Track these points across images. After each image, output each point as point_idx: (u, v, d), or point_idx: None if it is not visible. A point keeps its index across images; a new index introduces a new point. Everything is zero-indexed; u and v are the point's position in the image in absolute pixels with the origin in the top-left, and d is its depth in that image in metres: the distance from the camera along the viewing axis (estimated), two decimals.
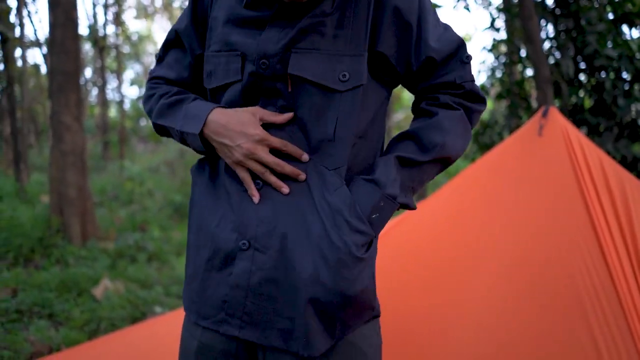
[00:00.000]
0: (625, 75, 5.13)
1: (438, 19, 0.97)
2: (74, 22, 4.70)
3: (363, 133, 0.93)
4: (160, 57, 1.10)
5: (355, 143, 0.92)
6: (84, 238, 4.77)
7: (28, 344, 2.65)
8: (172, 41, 1.07)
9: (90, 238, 4.80)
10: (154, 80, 1.08)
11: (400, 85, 1.02)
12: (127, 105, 19.48)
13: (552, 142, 1.69)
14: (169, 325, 2.51)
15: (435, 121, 0.93)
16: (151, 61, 25.13)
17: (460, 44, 0.95)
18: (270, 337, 0.90)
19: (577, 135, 1.69)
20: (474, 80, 0.96)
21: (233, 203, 0.93)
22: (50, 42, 4.72)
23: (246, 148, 0.89)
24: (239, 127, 0.89)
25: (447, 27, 0.97)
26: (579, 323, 1.34)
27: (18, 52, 11.83)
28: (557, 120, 1.73)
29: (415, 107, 1.01)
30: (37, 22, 27.38)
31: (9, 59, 7.84)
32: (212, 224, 0.95)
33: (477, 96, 0.97)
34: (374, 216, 0.89)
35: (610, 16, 5.32)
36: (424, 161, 0.92)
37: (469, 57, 0.96)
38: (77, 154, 4.80)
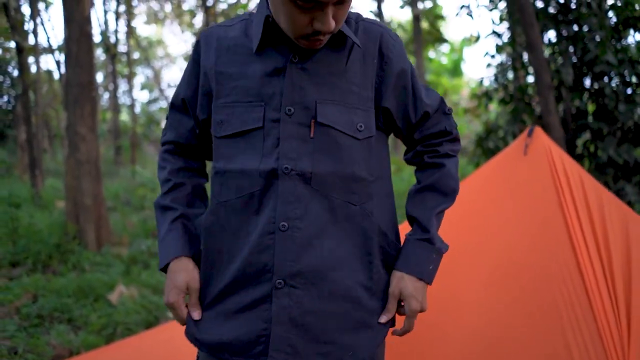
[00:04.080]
0: (628, 80, 5.18)
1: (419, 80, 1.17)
2: (88, 37, 4.88)
3: (379, 174, 1.09)
4: (170, 115, 1.22)
5: (373, 182, 1.07)
6: (98, 244, 4.95)
7: (50, 347, 2.81)
8: (178, 105, 1.19)
9: (105, 244, 4.98)
10: (165, 146, 1.23)
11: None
12: (137, 109, 19.74)
13: (537, 160, 1.81)
14: (181, 331, 2.66)
15: (447, 171, 1.14)
16: (161, 65, 25.40)
17: (441, 100, 1.18)
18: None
19: (560, 154, 1.81)
20: (456, 127, 1.19)
21: (261, 245, 1.01)
22: (66, 56, 4.91)
23: (166, 300, 1.10)
24: (170, 285, 1.09)
25: (426, 87, 1.17)
26: (554, 327, 1.47)
27: (31, 58, 12.11)
28: (542, 139, 1.85)
29: (417, 158, 1.20)
30: (50, 30, 27.73)
31: (24, 68, 8.07)
32: (236, 268, 1.04)
33: (458, 139, 1.20)
34: (430, 267, 1.09)
35: (614, 20, 5.39)
36: (447, 207, 1.15)
37: (450, 110, 1.18)
38: (92, 163, 4.98)
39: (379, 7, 12.33)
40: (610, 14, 5.47)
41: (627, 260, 1.53)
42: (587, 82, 5.50)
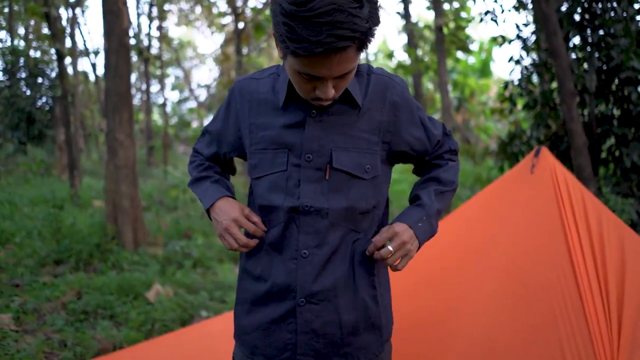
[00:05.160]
0: None
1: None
2: (126, 48, 5.17)
3: (376, 204, 1.28)
4: (202, 135, 1.48)
5: (376, 209, 1.27)
6: (135, 244, 5.25)
7: (95, 341, 3.07)
8: (207, 133, 1.44)
9: (141, 244, 5.28)
10: (195, 152, 1.49)
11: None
12: (168, 109, 20.24)
13: (542, 179, 1.96)
14: (215, 330, 2.88)
15: (448, 167, 1.38)
16: (191, 66, 25.99)
17: (443, 125, 1.40)
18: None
19: (564, 173, 1.95)
20: (457, 143, 1.43)
21: (287, 269, 1.22)
22: (106, 66, 5.20)
23: (225, 224, 1.26)
24: (227, 212, 1.27)
25: (429, 118, 1.37)
26: (551, 335, 1.62)
27: (67, 59, 12.60)
28: (548, 159, 1.99)
29: (425, 165, 1.41)
30: (87, 34, 28.62)
31: (64, 74, 8.48)
32: (269, 291, 1.24)
33: (457, 152, 1.44)
34: (419, 224, 1.26)
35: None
36: (446, 190, 1.35)
37: (450, 131, 1.42)
38: (130, 167, 5.27)
39: (406, 8, 12.38)
40: (638, 17, 5.47)
41: (621, 273, 1.67)
42: (613, 87, 5.51)
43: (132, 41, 13.46)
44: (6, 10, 13.26)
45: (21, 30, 14.88)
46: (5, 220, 6.20)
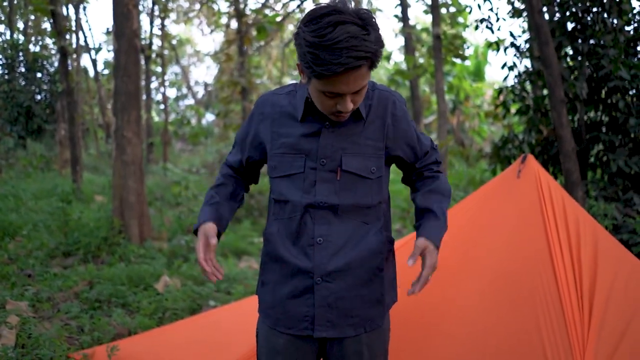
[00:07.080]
0: None
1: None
2: (136, 50, 5.36)
3: (381, 199, 1.53)
4: (233, 146, 1.70)
5: (382, 204, 1.53)
6: (141, 238, 5.44)
7: (111, 327, 3.28)
8: (235, 144, 1.67)
9: (146, 238, 5.48)
10: (226, 163, 1.72)
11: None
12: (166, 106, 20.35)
13: (527, 183, 2.18)
14: (223, 317, 3.09)
15: (442, 181, 1.61)
16: (190, 63, 26.15)
17: (431, 139, 1.65)
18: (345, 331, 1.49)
19: (547, 178, 2.19)
20: (441, 156, 1.68)
21: (305, 253, 1.47)
22: (115, 67, 5.40)
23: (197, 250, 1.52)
24: (197, 251, 1.51)
25: (420, 132, 1.62)
26: (532, 328, 1.84)
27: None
28: (533, 165, 2.22)
29: (416, 176, 1.65)
30: (87, 30, 28.71)
31: (67, 71, 8.65)
32: (290, 271, 1.49)
33: (441, 163, 1.66)
34: (440, 239, 1.50)
35: (631, 33, 5.63)
36: (448, 201, 1.59)
37: (436, 145, 1.66)
38: (137, 164, 5.47)
39: (404, 11, 12.59)
40: (628, 28, 5.71)
41: (593, 268, 1.91)
42: (603, 95, 5.74)
43: None
44: (5, 3, 13.40)
45: (20, 25, 15.01)
46: (12, 213, 6.38)
